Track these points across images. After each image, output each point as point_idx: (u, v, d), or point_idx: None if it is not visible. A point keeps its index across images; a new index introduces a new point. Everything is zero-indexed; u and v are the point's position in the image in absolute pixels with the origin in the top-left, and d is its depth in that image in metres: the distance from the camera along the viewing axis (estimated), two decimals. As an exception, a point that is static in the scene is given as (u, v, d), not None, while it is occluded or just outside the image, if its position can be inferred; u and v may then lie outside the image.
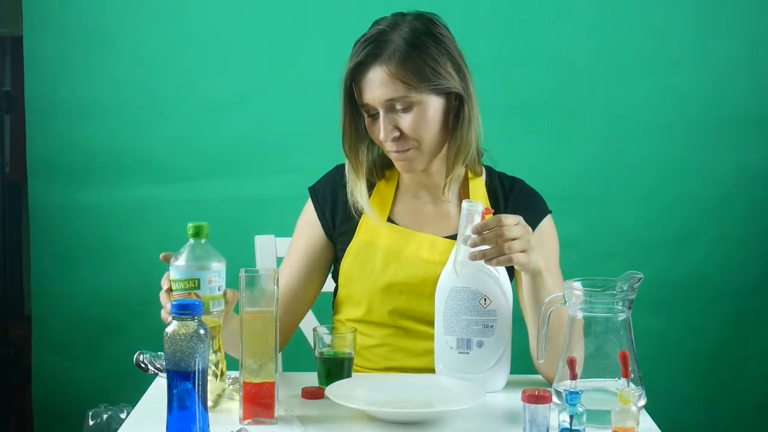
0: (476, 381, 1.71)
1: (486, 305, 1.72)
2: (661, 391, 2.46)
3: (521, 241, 1.67)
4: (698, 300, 2.85)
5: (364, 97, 1.84)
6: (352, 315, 1.95)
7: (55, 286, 2.82)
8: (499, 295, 1.72)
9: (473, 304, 1.72)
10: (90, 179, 2.79)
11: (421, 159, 1.87)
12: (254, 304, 1.56)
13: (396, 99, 1.81)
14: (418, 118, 1.83)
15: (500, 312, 1.72)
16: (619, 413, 1.46)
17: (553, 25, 2.76)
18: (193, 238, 1.60)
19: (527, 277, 1.75)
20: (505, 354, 1.74)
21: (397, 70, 1.81)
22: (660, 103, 2.80)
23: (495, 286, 1.72)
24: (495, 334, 1.72)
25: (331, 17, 2.75)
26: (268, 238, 2.23)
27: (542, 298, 1.72)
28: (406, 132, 1.83)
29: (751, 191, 2.83)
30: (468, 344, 1.73)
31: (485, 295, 1.72)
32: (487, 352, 1.73)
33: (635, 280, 1.59)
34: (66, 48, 2.76)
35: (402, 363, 1.92)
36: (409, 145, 1.84)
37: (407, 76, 1.81)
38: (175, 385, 1.42)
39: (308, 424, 1.57)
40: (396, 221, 1.94)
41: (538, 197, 1.98)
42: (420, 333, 1.90)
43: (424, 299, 1.88)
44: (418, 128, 1.83)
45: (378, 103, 1.82)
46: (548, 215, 1.96)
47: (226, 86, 2.77)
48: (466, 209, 1.70)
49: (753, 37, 2.80)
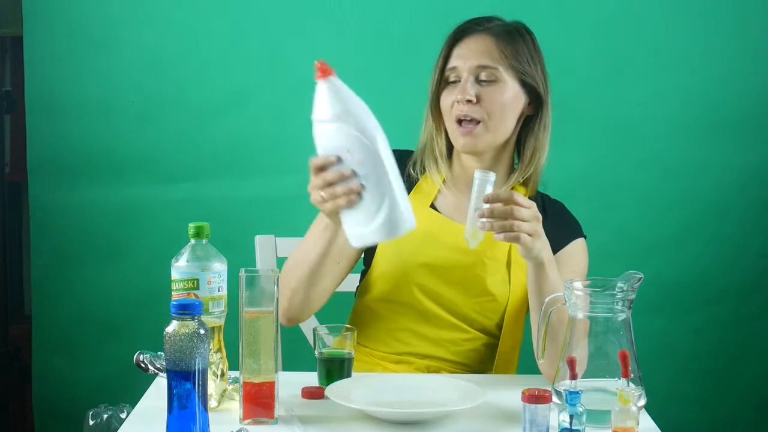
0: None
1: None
2: (661, 391, 2.46)
3: (530, 224, 1.69)
4: (698, 300, 2.85)
5: (454, 60, 1.90)
6: (379, 294, 1.96)
7: (55, 286, 2.82)
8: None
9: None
10: (90, 179, 2.78)
11: (485, 138, 1.89)
12: (254, 304, 1.56)
13: (487, 67, 1.88)
14: (497, 93, 1.88)
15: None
16: (619, 413, 1.46)
17: (553, 25, 2.76)
18: (194, 239, 1.60)
19: (531, 266, 1.77)
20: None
21: (498, 41, 1.90)
22: (660, 103, 2.80)
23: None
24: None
25: (332, 17, 2.75)
26: (268, 238, 2.23)
27: (545, 291, 1.74)
28: (483, 100, 1.87)
29: (751, 191, 2.83)
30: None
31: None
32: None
33: (635, 280, 1.59)
34: (66, 48, 2.76)
35: (420, 350, 1.94)
36: (479, 116, 1.87)
37: (506, 50, 1.89)
38: (175, 385, 1.42)
39: (308, 424, 1.57)
40: (438, 209, 1.97)
41: (574, 221, 2.01)
42: (441, 320, 1.93)
43: (451, 286, 1.92)
44: (494, 102, 1.88)
45: (468, 67, 1.88)
46: (581, 239, 1.98)
47: (226, 86, 2.77)
48: (479, 178, 1.72)
49: (753, 37, 2.79)
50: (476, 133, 1.88)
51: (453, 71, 1.90)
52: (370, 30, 2.75)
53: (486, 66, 1.88)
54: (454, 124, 1.90)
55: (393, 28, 2.76)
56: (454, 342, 1.94)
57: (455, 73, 1.90)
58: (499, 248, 1.92)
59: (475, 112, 1.87)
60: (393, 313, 1.96)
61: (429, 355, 1.94)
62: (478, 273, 1.91)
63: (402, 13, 2.76)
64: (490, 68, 1.88)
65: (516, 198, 1.69)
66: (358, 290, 2.04)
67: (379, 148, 1.57)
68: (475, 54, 1.89)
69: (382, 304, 1.96)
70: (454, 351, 1.94)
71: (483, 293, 1.92)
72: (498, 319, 1.94)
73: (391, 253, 1.94)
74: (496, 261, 1.93)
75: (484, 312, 1.93)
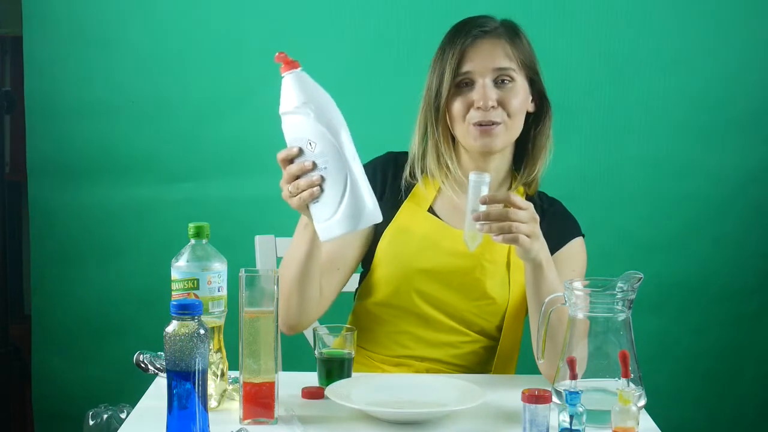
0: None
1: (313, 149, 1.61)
2: (661, 391, 2.46)
3: (528, 225, 1.70)
4: (698, 300, 2.85)
5: (468, 66, 1.88)
6: (378, 298, 1.95)
7: (55, 286, 2.82)
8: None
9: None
10: (90, 179, 2.78)
11: (503, 139, 1.89)
12: (254, 304, 1.56)
13: (505, 70, 1.89)
14: (514, 95, 1.89)
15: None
16: (619, 413, 1.46)
17: (553, 25, 2.76)
18: (194, 239, 1.60)
19: (528, 267, 1.77)
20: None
21: (511, 44, 1.91)
22: (660, 103, 2.80)
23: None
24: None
25: (332, 17, 2.75)
26: (268, 238, 2.23)
27: (543, 292, 1.74)
28: (503, 103, 1.88)
29: (752, 191, 2.83)
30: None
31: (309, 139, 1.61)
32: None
33: (635, 280, 1.59)
34: (66, 48, 2.75)
35: (419, 353, 1.94)
36: (500, 118, 1.88)
37: (516, 50, 1.90)
38: (175, 385, 1.42)
39: (308, 424, 1.57)
40: (437, 213, 1.96)
41: (572, 220, 2.00)
42: (440, 324, 1.93)
43: (450, 290, 1.91)
44: (512, 104, 1.88)
45: (486, 71, 1.88)
46: (580, 237, 1.98)
47: (226, 86, 2.77)
48: (473, 180, 1.72)
49: (754, 37, 2.79)
50: (496, 133, 1.88)
51: (466, 75, 1.89)
52: (371, 30, 2.74)
53: (504, 68, 1.89)
54: (471, 127, 1.88)
55: (393, 29, 2.75)
56: (453, 345, 1.94)
57: (468, 77, 1.89)
58: (498, 250, 1.92)
59: (497, 116, 1.87)
60: (392, 316, 1.95)
61: (428, 357, 1.94)
62: (478, 277, 1.91)
63: (402, 13, 2.75)
64: (507, 70, 1.89)
65: (513, 199, 1.69)
66: (358, 293, 2.03)
67: (342, 140, 1.59)
68: (492, 57, 1.89)
69: (381, 308, 1.96)
70: (454, 354, 1.94)
71: (483, 297, 1.91)
72: (498, 322, 1.94)
73: (390, 256, 1.94)
74: (496, 264, 1.92)
75: (483, 315, 1.93)
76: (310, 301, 1.86)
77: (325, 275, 1.89)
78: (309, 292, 1.85)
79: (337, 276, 1.93)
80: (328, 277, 1.90)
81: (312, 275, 1.84)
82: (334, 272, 1.92)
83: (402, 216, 1.95)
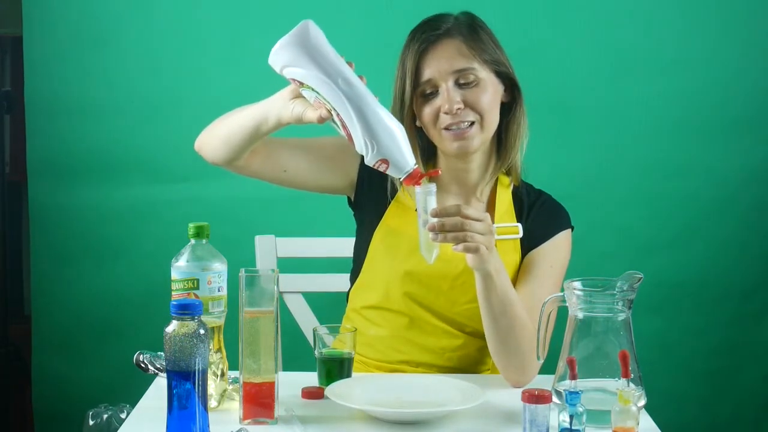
0: None
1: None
2: (661, 391, 2.46)
3: (485, 237, 1.68)
4: (698, 300, 2.85)
5: (428, 73, 1.86)
6: (370, 301, 1.95)
7: (55, 286, 2.82)
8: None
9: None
10: (90, 179, 2.79)
11: (479, 137, 1.87)
12: (254, 304, 1.56)
13: (465, 70, 1.85)
14: (481, 93, 1.86)
15: None
16: (619, 413, 1.46)
17: (553, 25, 2.76)
18: (194, 239, 1.60)
19: (479, 277, 1.75)
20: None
21: (467, 43, 1.86)
22: (660, 103, 2.80)
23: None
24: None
25: (332, 17, 2.75)
26: (268, 238, 2.23)
27: (494, 300, 1.75)
28: (470, 103, 1.85)
29: (752, 191, 2.83)
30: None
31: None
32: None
33: (635, 280, 1.59)
34: (66, 48, 2.76)
35: (413, 357, 1.93)
36: (472, 118, 1.85)
37: (476, 50, 1.86)
38: (175, 385, 1.42)
39: (308, 424, 1.58)
40: None
41: (562, 211, 1.98)
42: (434, 328, 1.92)
43: (441, 294, 1.90)
44: (481, 102, 1.85)
45: (445, 75, 1.85)
46: (568, 230, 1.96)
47: (226, 86, 2.77)
48: (419, 192, 1.65)
49: (754, 37, 2.80)
50: (471, 135, 1.86)
51: (428, 83, 1.87)
52: (371, 30, 2.74)
53: (463, 69, 1.85)
54: (443, 132, 1.87)
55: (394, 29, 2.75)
56: (446, 348, 1.93)
57: (431, 84, 1.86)
58: None
59: (467, 116, 1.85)
60: (385, 320, 1.94)
61: (423, 362, 1.92)
62: (466, 280, 1.89)
63: (402, 13, 2.75)
64: (467, 70, 1.85)
65: (463, 210, 1.66)
66: (349, 295, 2.03)
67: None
68: (449, 60, 1.85)
69: (373, 312, 1.95)
70: (448, 357, 1.93)
71: (473, 299, 1.89)
72: None
73: (380, 258, 1.93)
74: None
75: (475, 317, 1.91)
76: (235, 148, 1.94)
77: (302, 151, 1.92)
78: (237, 143, 1.94)
79: (305, 161, 1.94)
80: (300, 154, 1.93)
81: (248, 135, 1.92)
82: (310, 156, 1.94)
83: (391, 216, 1.95)
